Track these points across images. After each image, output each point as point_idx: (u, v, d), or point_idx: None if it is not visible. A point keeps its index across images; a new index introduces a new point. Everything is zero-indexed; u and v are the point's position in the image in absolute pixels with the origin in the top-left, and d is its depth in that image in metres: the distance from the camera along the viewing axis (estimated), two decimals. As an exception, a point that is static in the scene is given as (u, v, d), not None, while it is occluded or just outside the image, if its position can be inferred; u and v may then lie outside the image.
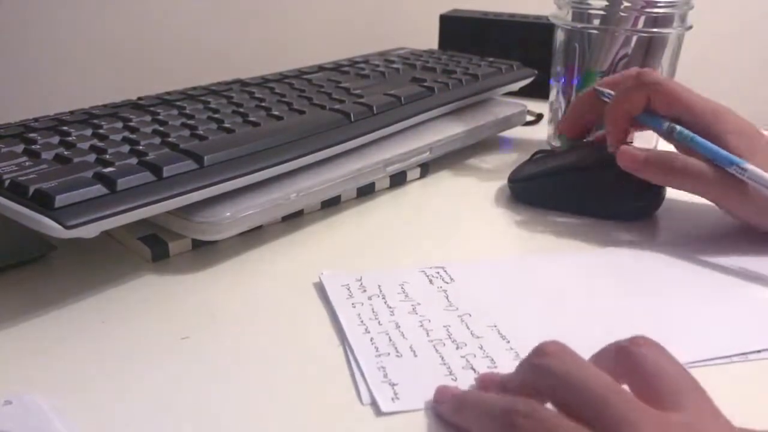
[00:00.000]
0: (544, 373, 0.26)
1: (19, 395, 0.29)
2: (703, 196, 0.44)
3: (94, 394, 0.30)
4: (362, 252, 0.43)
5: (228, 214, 0.39)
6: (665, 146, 0.47)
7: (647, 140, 0.55)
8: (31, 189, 0.34)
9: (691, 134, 0.42)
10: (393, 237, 0.45)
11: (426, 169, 0.54)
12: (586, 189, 0.47)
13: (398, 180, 0.52)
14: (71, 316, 0.35)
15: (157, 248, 0.41)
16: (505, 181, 0.51)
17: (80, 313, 0.36)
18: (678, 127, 0.43)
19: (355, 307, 0.36)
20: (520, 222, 0.47)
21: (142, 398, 0.30)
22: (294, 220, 0.46)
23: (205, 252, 0.42)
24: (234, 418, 0.29)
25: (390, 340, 0.33)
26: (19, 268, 0.39)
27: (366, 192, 0.50)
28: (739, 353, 0.33)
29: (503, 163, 0.57)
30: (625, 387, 0.25)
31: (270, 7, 0.84)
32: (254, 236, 0.44)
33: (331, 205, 0.48)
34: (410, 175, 0.53)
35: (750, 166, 0.40)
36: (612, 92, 0.47)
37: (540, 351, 0.26)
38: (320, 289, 0.38)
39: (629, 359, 0.26)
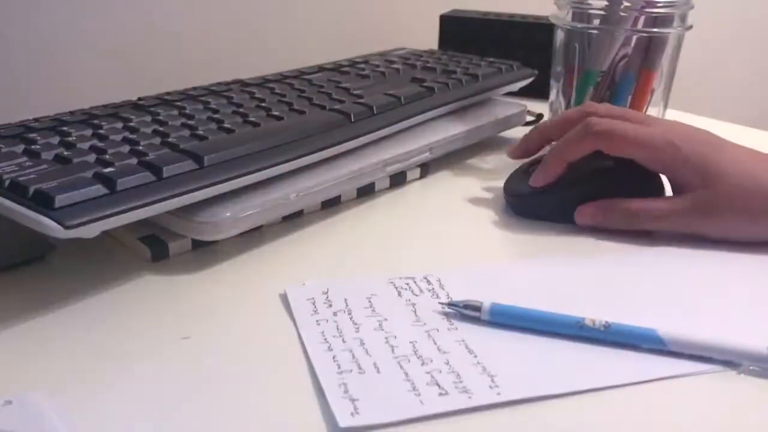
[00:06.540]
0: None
1: (19, 395, 0.29)
2: (673, 229, 0.44)
3: (94, 394, 0.30)
4: (362, 252, 0.43)
5: (228, 214, 0.39)
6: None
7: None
8: (31, 189, 0.34)
9: None
10: (393, 237, 0.45)
11: (426, 169, 0.54)
12: (583, 201, 0.45)
13: (398, 180, 0.52)
14: (71, 316, 0.35)
15: (157, 248, 0.41)
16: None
17: (80, 313, 0.36)
18: None
19: (319, 324, 0.34)
20: (521, 223, 0.47)
21: (142, 398, 0.30)
22: (294, 220, 0.46)
23: (205, 252, 0.42)
24: (235, 418, 0.29)
25: (353, 357, 0.32)
26: (19, 268, 0.39)
27: (366, 192, 0.50)
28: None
29: (503, 163, 0.57)
30: None
31: (270, 7, 0.83)
32: (254, 236, 0.44)
33: (331, 205, 0.48)
34: (410, 175, 0.53)
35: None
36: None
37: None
38: (285, 302, 0.36)
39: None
